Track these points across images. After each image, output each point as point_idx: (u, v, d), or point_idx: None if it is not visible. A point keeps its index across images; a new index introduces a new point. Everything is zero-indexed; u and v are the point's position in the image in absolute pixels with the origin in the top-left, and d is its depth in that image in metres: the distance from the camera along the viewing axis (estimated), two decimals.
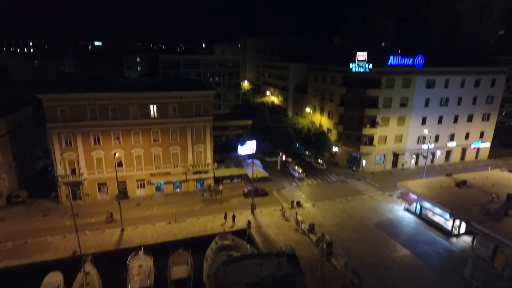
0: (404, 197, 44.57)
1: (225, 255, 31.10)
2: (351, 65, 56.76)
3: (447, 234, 39.18)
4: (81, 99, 43.86)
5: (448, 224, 39.21)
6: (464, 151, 67.61)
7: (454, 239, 38.42)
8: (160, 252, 35.05)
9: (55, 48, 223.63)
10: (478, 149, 68.71)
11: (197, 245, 36.46)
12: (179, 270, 31.07)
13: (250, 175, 50.02)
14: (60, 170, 45.04)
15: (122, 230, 39.50)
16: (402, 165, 63.37)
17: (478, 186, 42.93)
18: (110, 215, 42.10)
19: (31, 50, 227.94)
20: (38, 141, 59.40)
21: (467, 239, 38.08)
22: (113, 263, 33.89)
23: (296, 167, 59.48)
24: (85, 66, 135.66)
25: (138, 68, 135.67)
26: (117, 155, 44.28)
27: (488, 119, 66.67)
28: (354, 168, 60.50)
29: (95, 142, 45.74)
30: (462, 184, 43.55)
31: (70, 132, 44.31)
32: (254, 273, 23.80)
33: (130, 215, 42.76)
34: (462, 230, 38.99)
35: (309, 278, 30.47)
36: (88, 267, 31.54)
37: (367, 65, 55.68)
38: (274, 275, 23.44)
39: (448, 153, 66.74)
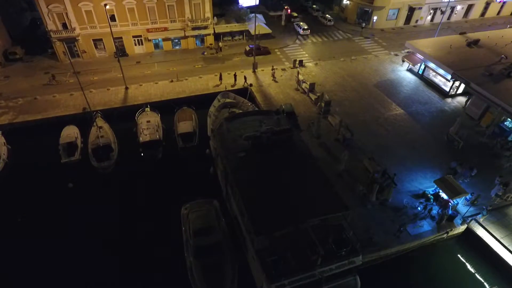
0: (409, 57, 43.28)
1: (227, 112, 32.46)
2: None
3: (444, 94, 39.94)
4: None
5: (448, 85, 39.44)
6: (487, 5, 61.46)
7: (449, 100, 39.42)
8: (165, 109, 36.70)
9: None
10: (503, 4, 62.28)
11: (200, 102, 37.93)
12: (185, 125, 33.30)
13: (252, 31, 47.22)
14: (50, 24, 42.39)
15: (126, 88, 40.34)
16: (416, 21, 58.83)
17: (489, 46, 41.02)
18: (53, 77, 41.19)
19: None
20: None
21: (462, 99, 39.04)
22: (122, 119, 36.02)
23: (301, 23, 55.56)
24: None
25: None
26: (107, 7, 40.67)
27: None
28: (364, 24, 56.43)
29: None
30: (473, 43, 41.48)
31: None
32: (255, 128, 25.36)
33: (131, 73, 42.81)
34: (460, 91, 39.52)
35: (306, 133, 32.97)
36: (100, 122, 33.79)
37: None
38: (273, 129, 24.98)
39: (469, 8, 60.86)
